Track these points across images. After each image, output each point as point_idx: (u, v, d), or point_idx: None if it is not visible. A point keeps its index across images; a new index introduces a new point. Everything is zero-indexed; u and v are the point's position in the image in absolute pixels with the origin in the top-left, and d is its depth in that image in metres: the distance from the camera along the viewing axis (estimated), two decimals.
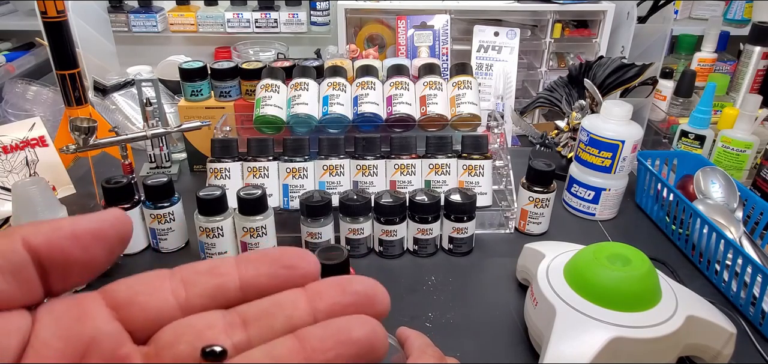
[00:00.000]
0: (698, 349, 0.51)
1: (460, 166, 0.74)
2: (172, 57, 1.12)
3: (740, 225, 0.68)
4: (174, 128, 0.82)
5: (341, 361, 0.18)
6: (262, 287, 0.20)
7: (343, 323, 0.18)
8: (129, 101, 1.03)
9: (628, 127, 0.75)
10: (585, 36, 1.15)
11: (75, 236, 0.18)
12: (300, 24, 1.45)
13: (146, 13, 1.43)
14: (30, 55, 1.38)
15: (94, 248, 0.18)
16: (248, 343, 0.19)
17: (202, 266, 0.20)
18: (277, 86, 0.79)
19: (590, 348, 0.45)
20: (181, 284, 0.19)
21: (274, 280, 0.20)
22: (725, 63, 1.23)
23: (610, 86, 0.91)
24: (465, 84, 0.78)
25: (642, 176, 0.82)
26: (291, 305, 0.19)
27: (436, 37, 1.08)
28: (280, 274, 0.20)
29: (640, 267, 0.49)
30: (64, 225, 0.18)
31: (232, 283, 0.19)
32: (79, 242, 0.18)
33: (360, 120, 0.77)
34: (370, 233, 0.70)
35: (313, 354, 0.18)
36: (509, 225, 0.77)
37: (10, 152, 0.80)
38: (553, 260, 0.56)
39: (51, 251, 0.18)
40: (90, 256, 0.18)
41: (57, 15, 0.77)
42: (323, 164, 0.73)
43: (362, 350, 0.18)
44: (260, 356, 0.18)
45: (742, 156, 0.85)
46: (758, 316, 0.58)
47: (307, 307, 0.19)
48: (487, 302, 0.63)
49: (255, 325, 0.19)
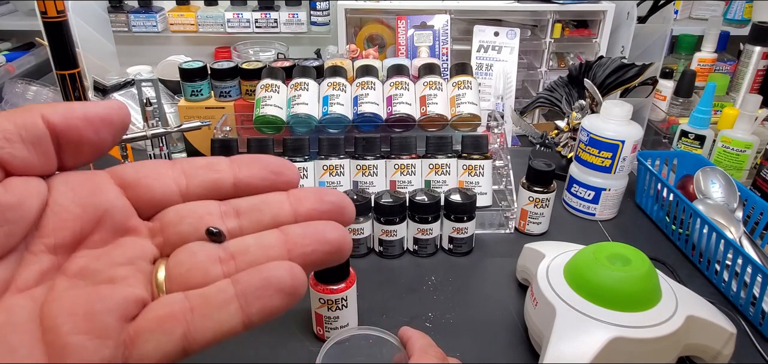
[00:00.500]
0: (698, 349, 0.51)
1: (460, 166, 0.74)
2: (172, 57, 1.12)
3: (740, 225, 0.68)
4: (174, 128, 0.82)
5: (316, 256, 0.21)
6: (252, 187, 0.23)
7: (320, 226, 0.22)
8: (129, 101, 1.03)
9: (628, 127, 0.75)
10: (585, 36, 1.15)
11: (87, 118, 0.20)
12: (300, 24, 1.45)
13: (146, 13, 1.43)
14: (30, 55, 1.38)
15: (102, 131, 0.21)
16: (240, 231, 0.22)
17: (200, 161, 0.23)
18: (277, 86, 0.79)
19: (590, 348, 0.45)
20: (182, 174, 0.22)
21: (263, 182, 0.23)
22: (725, 63, 1.23)
23: (610, 86, 0.91)
24: (465, 84, 0.78)
25: (642, 176, 0.82)
26: (277, 205, 0.22)
27: (436, 37, 1.08)
28: (269, 178, 0.23)
29: (640, 267, 0.49)
30: (77, 107, 0.20)
31: (227, 179, 0.22)
32: (91, 124, 0.20)
33: (360, 120, 0.77)
34: (370, 233, 0.70)
35: (294, 247, 0.21)
36: (509, 225, 0.77)
37: None
38: (553, 260, 0.56)
39: (67, 128, 0.20)
40: (99, 137, 0.21)
41: (57, 15, 0.77)
42: (323, 164, 0.73)
43: (333, 250, 0.21)
44: (251, 242, 0.21)
45: (742, 156, 0.85)
46: (758, 316, 0.58)
47: (290, 208, 0.22)
48: (487, 302, 0.63)
49: (246, 216, 0.22)
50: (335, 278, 0.52)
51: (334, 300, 0.52)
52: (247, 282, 0.19)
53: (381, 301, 0.63)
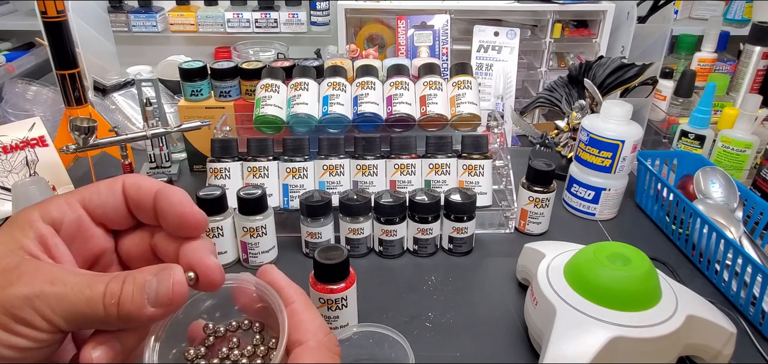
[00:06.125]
0: (698, 349, 0.51)
1: (460, 166, 0.74)
2: (172, 57, 1.12)
3: (740, 225, 0.68)
4: (174, 128, 0.82)
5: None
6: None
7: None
8: (129, 101, 1.03)
9: (628, 127, 0.75)
10: (585, 36, 1.15)
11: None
12: (300, 24, 1.45)
13: (146, 13, 1.43)
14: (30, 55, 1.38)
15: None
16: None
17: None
18: (277, 86, 0.79)
19: (590, 348, 0.45)
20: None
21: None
22: (725, 63, 1.23)
23: (610, 86, 0.91)
24: (465, 84, 0.78)
25: (642, 176, 0.82)
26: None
27: (436, 37, 1.08)
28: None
29: (640, 267, 0.49)
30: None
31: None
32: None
33: (360, 120, 0.77)
34: (370, 232, 0.70)
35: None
36: (509, 225, 0.77)
37: (10, 152, 0.80)
38: (553, 259, 0.56)
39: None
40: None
41: (57, 15, 0.77)
42: (323, 164, 0.73)
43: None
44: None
45: (742, 156, 0.85)
46: (758, 316, 0.58)
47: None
48: (487, 302, 0.63)
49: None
50: (335, 277, 0.52)
51: (334, 300, 0.52)
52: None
53: (381, 301, 0.63)
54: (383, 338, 0.48)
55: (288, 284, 0.28)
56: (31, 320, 0.22)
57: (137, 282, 0.24)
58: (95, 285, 0.23)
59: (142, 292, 0.23)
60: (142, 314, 0.23)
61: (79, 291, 0.23)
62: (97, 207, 0.26)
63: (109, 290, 0.23)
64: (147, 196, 0.26)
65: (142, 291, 0.23)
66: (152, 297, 0.23)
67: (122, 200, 0.27)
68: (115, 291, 0.23)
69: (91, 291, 0.23)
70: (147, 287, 0.24)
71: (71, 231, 0.26)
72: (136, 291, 0.23)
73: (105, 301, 0.23)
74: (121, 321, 0.23)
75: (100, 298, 0.23)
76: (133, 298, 0.23)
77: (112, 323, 0.24)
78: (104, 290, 0.23)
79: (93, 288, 0.23)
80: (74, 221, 0.26)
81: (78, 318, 0.23)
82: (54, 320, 0.23)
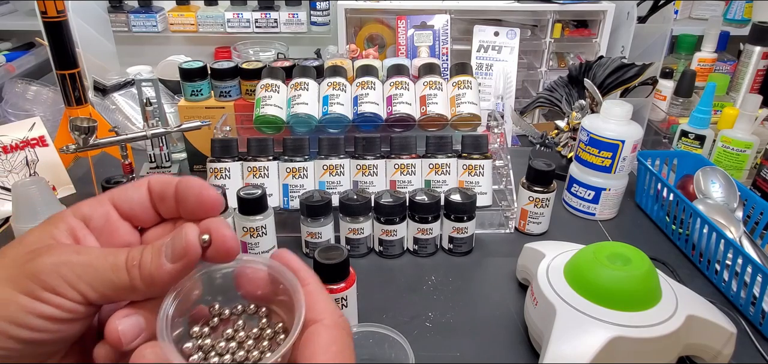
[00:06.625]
0: (698, 349, 0.51)
1: (460, 166, 0.74)
2: (172, 57, 1.12)
3: (740, 225, 0.68)
4: (174, 128, 0.82)
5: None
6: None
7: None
8: (129, 101, 1.03)
9: (628, 127, 0.75)
10: (585, 36, 1.15)
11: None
12: (300, 24, 1.45)
13: (146, 13, 1.43)
14: (30, 55, 1.38)
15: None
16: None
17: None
18: (277, 86, 0.79)
19: (590, 348, 0.45)
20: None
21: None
22: (725, 63, 1.23)
23: (610, 86, 0.91)
24: (465, 84, 0.78)
25: (642, 176, 0.82)
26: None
27: (436, 37, 1.08)
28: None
29: (640, 267, 0.49)
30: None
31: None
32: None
33: (360, 120, 0.77)
34: (370, 232, 0.70)
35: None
36: (509, 225, 0.77)
37: (10, 152, 0.80)
38: (553, 259, 0.56)
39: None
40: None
41: (57, 15, 0.77)
42: (323, 164, 0.73)
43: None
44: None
45: (742, 156, 0.85)
46: (758, 316, 0.58)
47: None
48: (487, 302, 0.63)
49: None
50: (335, 277, 0.52)
51: (334, 300, 0.52)
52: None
53: (381, 301, 0.63)
54: (383, 338, 0.48)
55: (303, 266, 0.29)
56: (57, 287, 0.23)
57: (155, 246, 0.25)
58: (118, 254, 0.25)
59: (160, 253, 0.25)
60: (162, 271, 0.25)
61: (104, 259, 0.25)
62: (123, 202, 0.28)
63: (131, 255, 0.25)
64: (169, 186, 0.28)
65: (160, 252, 0.25)
66: (169, 253, 0.25)
67: (147, 196, 0.29)
68: (136, 256, 0.25)
69: (115, 258, 0.25)
70: (164, 247, 0.25)
71: (99, 225, 0.28)
72: (155, 253, 0.25)
73: (128, 265, 0.25)
74: (144, 283, 0.25)
75: (123, 263, 0.25)
76: (153, 259, 0.25)
77: (136, 288, 0.25)
78: (126, 257, 0.25)
79: (116, 256, 0.25)
80: (103, 215, 0.28)
81: (104, 285, 0.24)
82: (80, 287, 0.24)
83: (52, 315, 0.23)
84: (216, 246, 0.26)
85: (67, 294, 0.23)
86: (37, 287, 0.23)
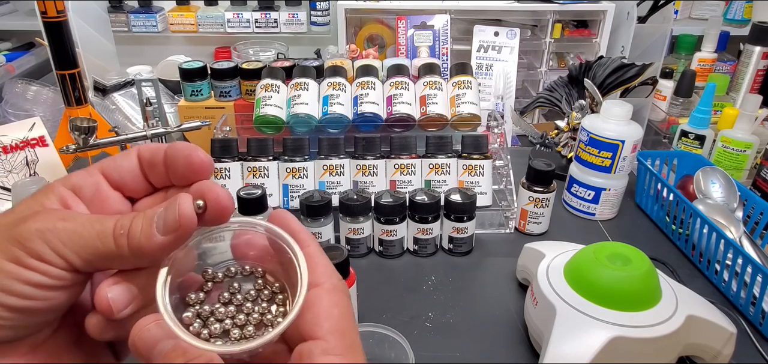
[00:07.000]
0: (698, 349, 0.51)
1: (460, 166, 0.74)
2: (172, 57, 1.12)
3: (740, 225, 0.68)
4: (174, 128, 0.82)
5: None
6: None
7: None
8: (129, 101, 1.03)
9: (628, 127, 0.75)
10: (585, 36, 1.15)
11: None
12: (300, 24, 1.45)
13: (146, 13, 1.43)
14: (30, 55, 1.38)
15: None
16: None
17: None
18: (277, 86, 0.79)
19: (590, 348, 0.45)
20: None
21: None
22: (725, 63, 1.23)
23: (610, 86, 0.91)
24: (465, 84, 0.78)
25: (642, 176, 0.82)
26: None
27: (436, 37, 1.08)
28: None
29: (640, 267, 0.49)
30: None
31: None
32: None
33: (360, 120, 0.77)
34: (370, 232, 0.70)
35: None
36: (509, 225, 0.77)
37: (10, 152, 0.80)
38: (553, 259, 0.56)
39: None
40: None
41: (57, 15, 0.77)
42: (323, 164, 0.73)
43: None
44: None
45: (742, 156, 0.85)
46: (758, 316, 0.58)
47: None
48: (487, 302, 0.63)
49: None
50: None
51: None
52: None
53: (381, 301, 0.63)
54: (383, 338, 0.48)
55: (301, 228, 0.29)
56: (42, 252, 0.23)
57: (146, 215, 0.24)
58: (105, 221, 0.24)
59: (151, 223, 0.24)
60: (152, 242, 0.24)
61: (90, 226, 0.24)
62: (113, 171, 0.28)
63: (119, 223, 0.24)
64: (158, 152, 0.28)
65: (151, 222, 0.24)
66: (161, 225, 0.24)
67: (137, 164, 0.28)
68: (124, 224, 0.24)
69: (101, 226, 0.24)
70: (155, 217, 0.24)
71: (89, 194, 0.27)
72: (146, 223, 0.24)
73: (115, 233, 0.24)
74: (132, 253, 0.24)
75: (110, 231, 0.24)
76: (143, 228, 0.24)
77: (124, 257, 0.24)
78: (114, 224, 0.24)
79: (103, 223, 0.24)
80: (92, 184, 0.27)
81: (89, 253, 0.24)
82: (65, 253, 0.23)
83: (37, 282, 0.23)
84: (211, 207, 0.25)
85: (52, 260, 0.23)
86: (22, 253, 0.23)
